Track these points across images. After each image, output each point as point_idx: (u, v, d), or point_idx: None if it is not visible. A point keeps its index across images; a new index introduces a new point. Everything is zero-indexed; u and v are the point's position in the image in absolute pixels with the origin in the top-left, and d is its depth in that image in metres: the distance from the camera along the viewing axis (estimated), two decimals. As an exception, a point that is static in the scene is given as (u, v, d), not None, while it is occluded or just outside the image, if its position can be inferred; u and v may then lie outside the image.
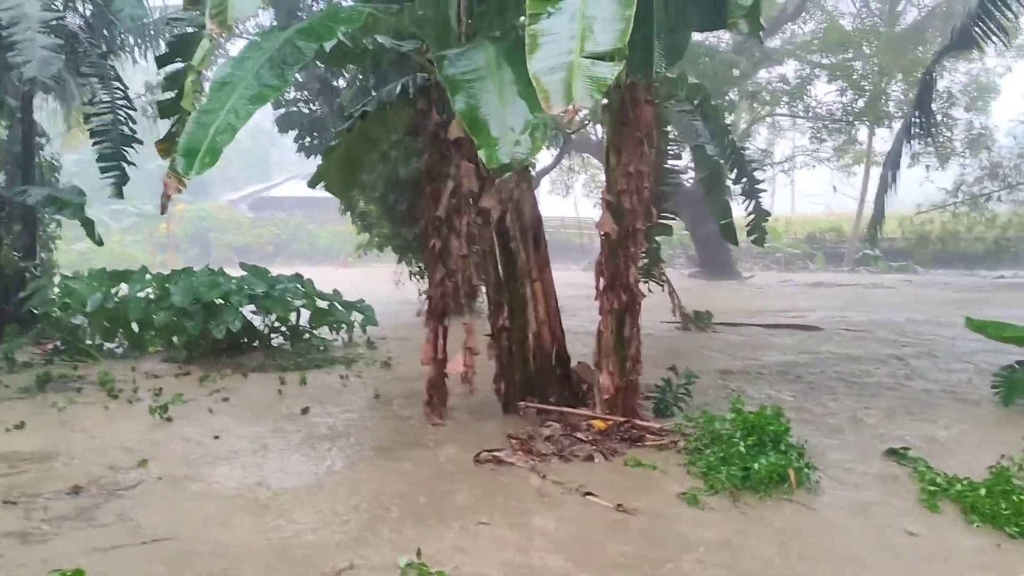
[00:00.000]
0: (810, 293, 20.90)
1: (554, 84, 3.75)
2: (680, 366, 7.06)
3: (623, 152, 6.09)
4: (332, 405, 7.33)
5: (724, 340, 11.54)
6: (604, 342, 6.20)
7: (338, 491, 4.85)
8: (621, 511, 4.40)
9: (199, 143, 4.17)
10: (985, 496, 4.32)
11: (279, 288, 10.27)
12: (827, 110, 28.16)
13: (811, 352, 10.20)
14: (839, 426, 6.38)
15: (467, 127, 4.54)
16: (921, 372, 8.64)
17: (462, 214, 6.28)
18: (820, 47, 27.25)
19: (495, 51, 5.05)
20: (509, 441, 5.66)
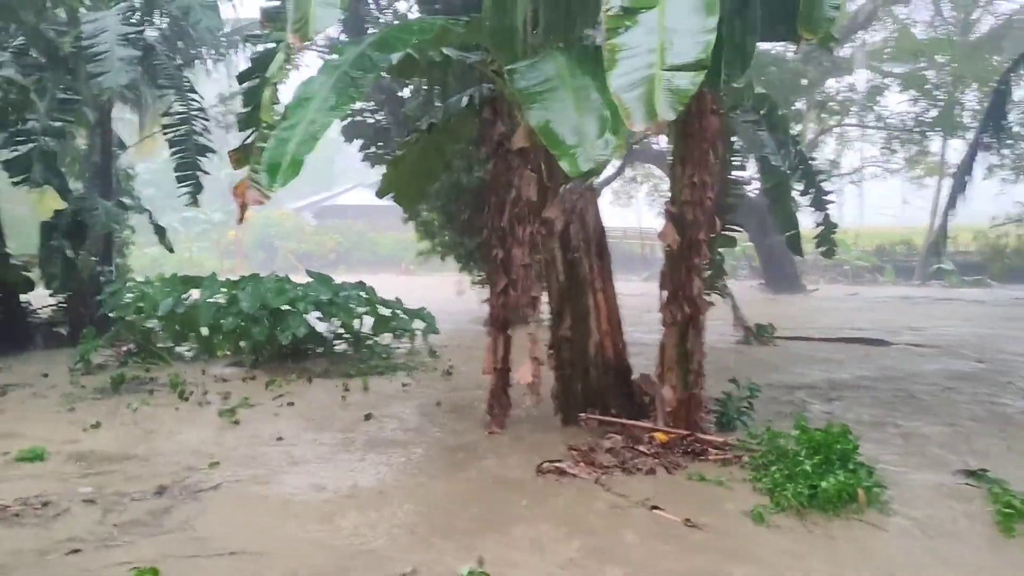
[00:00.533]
0: (878, 307, 20.36)
1: (635, 101, 3.73)
2: (743, 380, 6.96)
3: (688, 163, 6.04)
4: (394, 412, 7.42)
5: (788, 354, 11.34)
6: (667, 354, 6.15)
7: (400, 498, 4.89)
8: (689, 526, 4.35)
9: (281, 157, 4.29)
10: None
11: (343, 295, 10.43)
12: (898, 120, 27.49)
13: (879, 368, 9.95)
14: (909, 444, 6.20)
15: (543, 138, 4.54)
16: (994, 390, 8.35)
17: (525, 224, 6.29)
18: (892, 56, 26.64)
19: (565, 60, 5.05)
20: (570, 452, 5.65)
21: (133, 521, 4.47)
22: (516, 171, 6.34)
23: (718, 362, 9.73)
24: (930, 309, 19.57)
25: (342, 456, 5.91)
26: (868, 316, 17.54)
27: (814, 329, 14.44)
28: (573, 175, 4.22)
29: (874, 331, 14.08)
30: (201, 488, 5.08)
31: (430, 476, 5.39)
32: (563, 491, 4.99)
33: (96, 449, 6.06)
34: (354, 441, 6.33)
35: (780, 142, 10.32)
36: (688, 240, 6.01)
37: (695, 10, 3.84)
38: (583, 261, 6.61)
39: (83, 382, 8.77)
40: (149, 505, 4.75)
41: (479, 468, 5.53)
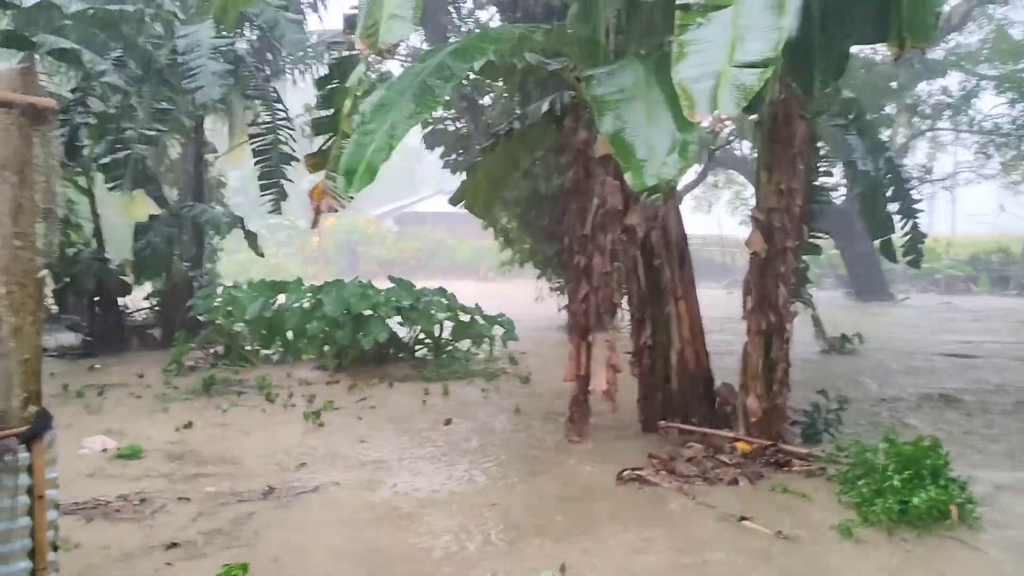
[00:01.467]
0: (972, 317, 19.56)
1: (700, 92, 3.70)
2: (830, 390, 6.78)
3: (775, 169, 5.94)
4: (474, 417, 7.47)
5: (876, 365, 11.00)
6: (751, 363, 6.04)
7: (480, 503, 4.93)
8: (782, 538, 4.26)
9: (358, 163, 4.37)
10: None
11: (424, 301, 10.57)
12: (994, 124, 26.42)
13: (971, 381, 9.56)
14: (1004, 460, 5.96)
15: (613, 147, 4.54)
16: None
17: (607, 231, 6.27)
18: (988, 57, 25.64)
19: (643, 70, 5.03)
20: (650, 461, 5.60)
21: (228, 520, 4.61)
22: (597, 178, 6.33)
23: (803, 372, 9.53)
24: None
25: (424, 460, 5.99)
26: (962, 327, 16.87)
27: (905, 339, 13.99)
28: (637, 188, 4.20)
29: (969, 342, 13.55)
30: (290, 490, 5.21)
31: (511, 482, 5.41)
32: (645, 500, 4.96)
33: (189, 448, 6.28)
34: (435, 445, 6.41)
35: (869, 147, 10.05)
36: (775, 248, 5.90)
37: (767, 9, 3.80)
38: (665, 268, 6.56)
39: (176, 383, 9.09)
40: (244, 506, 4.89)
41: (560, 475, 5.53)
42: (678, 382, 6.61)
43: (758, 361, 6.00)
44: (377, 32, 4.64)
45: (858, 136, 9.89)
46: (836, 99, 9.40)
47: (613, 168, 6.26)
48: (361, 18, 4.67)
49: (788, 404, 6.21)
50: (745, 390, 6.08)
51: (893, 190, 10.78)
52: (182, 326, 11.61)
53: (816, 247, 10.66)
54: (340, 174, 4.49)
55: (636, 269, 6.66)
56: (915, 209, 10.89)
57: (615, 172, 6.27)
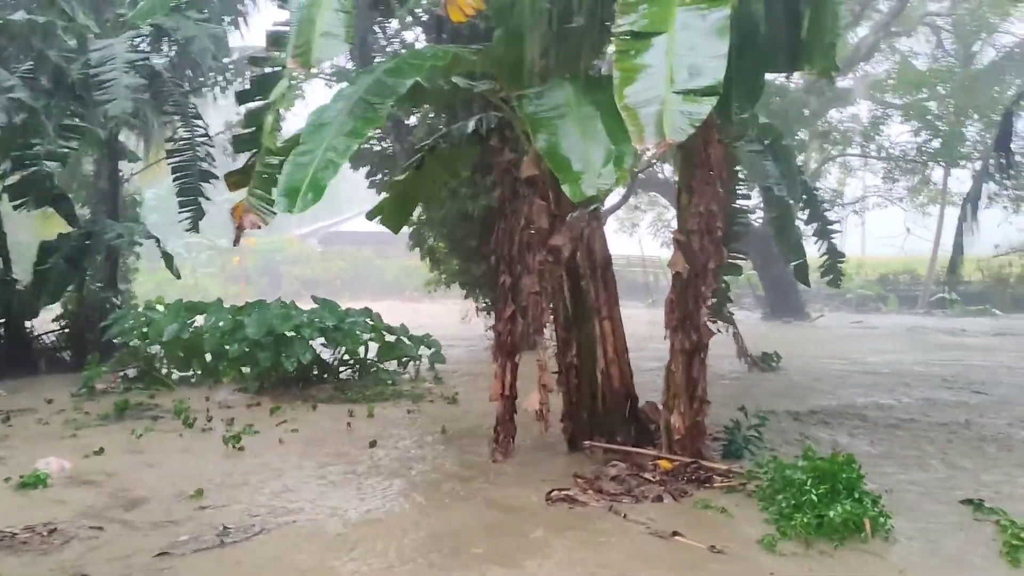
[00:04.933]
0: (882, 335, 20.34)
1: (647, 118, 3.78)
2: (751, 407, 6.94)
3: (695, 192, 6.07)
4: (399, 439, 7.40)
5: (792, 382, 11.31)
6: (674, 382, 6.13)
7: (407, 527, 4.85)
8: (714, 552, 4.34)
9: (300, 182, 4.32)
10: (1078, 553, 4.13)
11: (349, 322, 10.45)
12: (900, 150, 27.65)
13: (883, 396, 9.91)
14: (914, 473, 6.17)
15: (550, 163, 4.60)
16: (999, 419, 8.31)
17: (533, 251, 6.31)
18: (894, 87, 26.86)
19: (573, 89, 5.13)
20: (575, 480, 5.62)
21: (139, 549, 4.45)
22: (524, 199, 6.38)
23: (723, 389, 9.75)
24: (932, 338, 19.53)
25: (347, 484, 5.88)
26: (872, 345, 17.50)
27: (820, 357, 14.42)
28: (576, 200, 4.27)
29: (880, 359, 14.06)
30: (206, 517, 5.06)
31: (437, 505, 5.35)
32: (576, 519, 4.97)
33: (100, 476, 6.04)
34: (359, 469, 6.31)
35: (784, 172, 10.38)
36: (695, 268, 6.02)
37: (706, 36, 3.90)
38: (590, 288, 6.63)
39: (87, 408, 8.76)
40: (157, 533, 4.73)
41: (488, 496, 5.50)
42: (603, 401, 6.67)
43: (681, 379, 6.10)
44: (309, 50, 4.61)
45: (774, 161, 10.21)
46: (753, 124, 9.69)
47: (540, 189, 6.33)
48: (292, 36, 4.64)
49: (709, 421, 6.34)
50: (668, 408, 6.17)
51: (809, 213, 11.16)
52: (95, 349, 11.21)
53: (736, 267, 10.96)
54: (280, 195, 4.41)
55: (562, 289, 6.71)
56: (831, 230, 11.29)
57: (542, 193, 6.34)
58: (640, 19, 4.00)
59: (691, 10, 3.97)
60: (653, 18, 3.99)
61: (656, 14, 4.01)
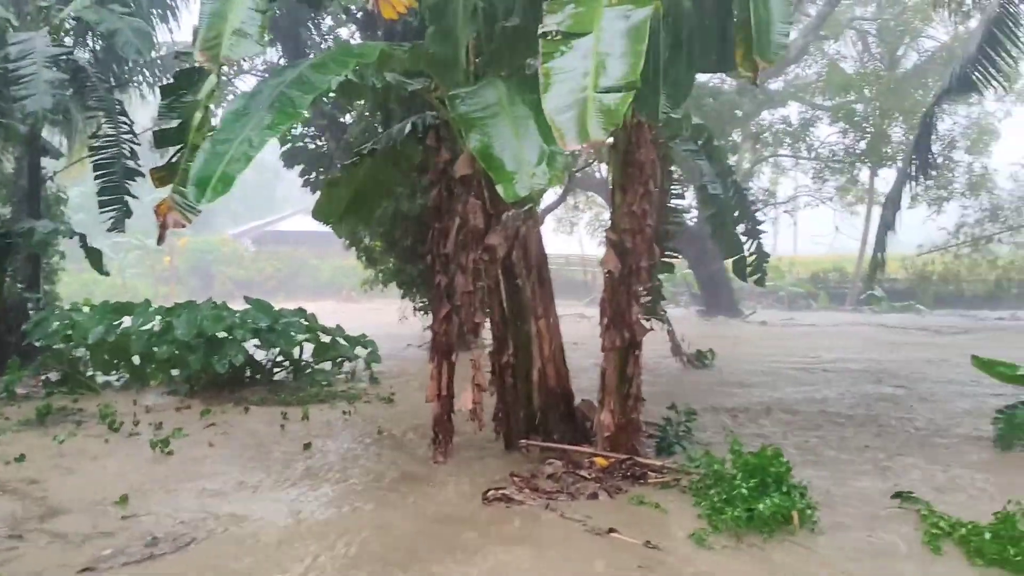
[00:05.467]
0: (811, 332, 20.85)
1: (568, 122, 3.77)
2: (682, 403, 7.04)
3: (627, 191, 6.12)
4: (334, 441, 7.31)
5: (724, 377, 11.52)
6: (607, 380, 6.18)
7: (341, 531, 4.78)
8: (650, 547, 4.39)
9: (212, 172, 4.18)
10: (991, 540, 4.28)
11: (282, 322, 10.28)
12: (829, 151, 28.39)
13: (812, 391, 10.16)
14: (841, 466, 6.33)
15: (482, 163, 4.57)
16: (923, 412, 8.59)
17: (468, 251, 6.29)
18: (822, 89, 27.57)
19: (506, 88, 5.10)
20: (512, 479, 5.62)
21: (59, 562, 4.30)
22: (459, 198, 6.35)
23: (659, 386, 9.87)
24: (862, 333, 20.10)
25: (279, 488, 5.78)
26: (802, 342, 17.93)
27: (752, 354, 14.71)
28: (510, 200, 4.25)
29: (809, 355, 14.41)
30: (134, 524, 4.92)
31: (373, 507, 5.29)
32: (514, 518, 4.97)
33: (20, 483, 5.82)
34: (292, 472, 6.20)
35: (718, 171, 10.55)
36: (628, 267, 6.07)
37: (626, 35, 3.92)
38: (525, 288, 6.64)
39: (7, 413, 8.43)
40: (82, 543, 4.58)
41: (424, 497, 5.46)
42: (539, 400, 6.69)
43: (614, 377, 6.14)
44: (220, 45, 4.48)
45: (707, 161, 10.37)
46: (687, 124, 9.83)
47: (475, 188, 6.32)
48: (202, 29, 4.50)
49: (645, 418, 6.41)
50: (602, 406, 6.21)
51: (739, 212, 11.36)
52: (16, 352, 10.80)
53: (670, 266, 11.11)
54: (191, 184, 4.26)
55: (498, 288, 6.71)
56: (759, 230, 11.51)
57: (477, 192, 6.33)
58: (566, 19, 4.01)
59: (616, 10, 3.99)
60: (579, 19, 4.00)
61: (582, 15, 4.02)
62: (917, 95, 25.78)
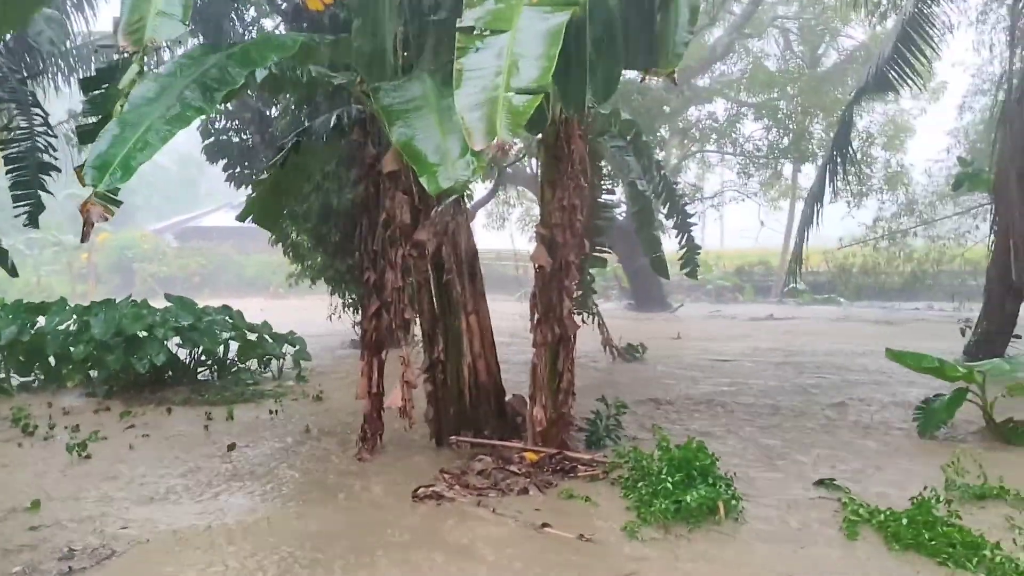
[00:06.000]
0: (738, 324, 21.30)
1: (476, 121, 3.72)
2: (612, 397, 7.10)
3: (557, 187, 6.13)
4: (261, 441, 7.16)
5: (655, 371, 11.67)
6: (538, 375, 6.19)
7: (268, 534, 4.69)
8: (584, 541, 4.41)
9: (113, 157, 3.97)
10: (907, 526, 4.42)
11: (206, 320, 10.04)
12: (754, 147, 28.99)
13: (738, 383, 10.36)
14: (765, 456, 6.47)
15: (405, 155, 4.50)
16: (843, 402, 8.83)
17: (397, 247, 6.22)
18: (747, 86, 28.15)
19: (432, 82, 5.04)
20: (442, 476, 5.59)
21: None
22: (388, 193, 6.28)
23: (590, 380, 9.95)
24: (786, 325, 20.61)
25: (203, 492, 5.62)
26: (729, 334, 18.30)
27: (680, 346, 14.94)
28: (433, 192, 4.20)
29: (736, 347, 14.70)
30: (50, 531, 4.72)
31: (300, 509, 5.20)
32: (445, 516, 4.93)
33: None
34: (217, 475, 6.05)
35: (646, 167, 10.69)
36: (559, 262, 6.09)
37: (542, 37, 3.91)
38: (455, 283, 6.61)
39: (-88, 419, 8.04)
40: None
41: (353, 497, 5.39)
42: (470, 395, 6.67)
43: (545, 372, 6.16)
44: (143, 28, 4.29)
45: (635, 156, 10.49)
46: (616, 120, 9.91)
47: (403, 183, 6.24)
48: (124, 12, 4.31)
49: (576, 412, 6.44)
50: (533, 401, 6.22)
51: (669, 207, 11.53)
52: (-78, 354, 10.29)
53: (601, 260, 11.20)
54: (89, 166, 4.02)
55: (427, 284, 6.66)
56: (689, 224, 11.70)
57: (405, 187, 6.25)
58: (486, 15, 3.98)
59: (536, 10, 3.98)
60: (498, 16, 3.97)
61: (502, 12, 3.99)
62: (837, 93, 26.50)
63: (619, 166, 10.86)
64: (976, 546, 4.16)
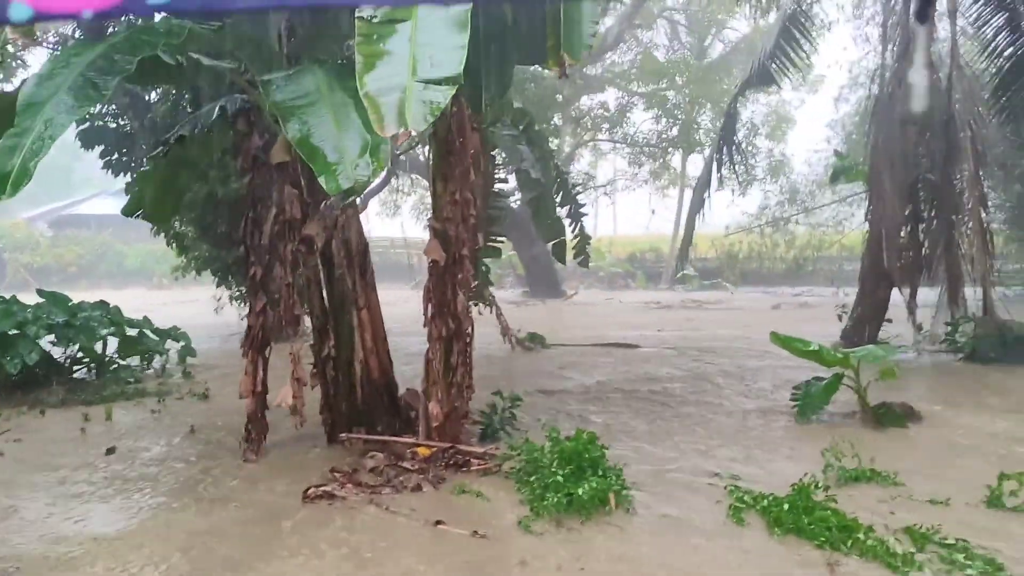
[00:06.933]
0: (631, 311, 21.76)
1: (388, 106, 3.67)
2: (509, 388, 7.12)
3: (450, 180, 6.09)
4: (142, 442, 6.87)
5: (552, 360, 11.77)
6: (432, 369, 6.15)
7: (150, 540, 4.51)
8: (478, 537, 4.41)
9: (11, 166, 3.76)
10: (788, 511, 4.60)
11: (81, 316, 9.53)
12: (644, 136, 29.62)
13: (631, 371, 10.56)
14: (657, 444, 6.62)
15: (302, 154, 4.37)
16: (731, 388, 9.14)
17: (286, 241, 6.05)
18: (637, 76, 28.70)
19: (324, 75, 4.90)
20: (333, 475, 5.49)
21: None
22: (276, 186, 6.10)
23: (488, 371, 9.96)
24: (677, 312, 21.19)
25: (81, 496, 5.36)
26: (622, 320, 18.66)
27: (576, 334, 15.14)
28: (332, 193, 4.10)
29: (627, 334, 15.00)
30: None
31: (184, 512, 5.01)
32: (336, 516, 4.85)
33: None
34: (95, 478, 5.77)
35: (539, 156, 10.73)
36: (452, 256, 6.06)
37: (447, 26, 3.86)
38: (346, 278, 6.49)
39: None
40: None
41: (241, 498, 5.23)
42: (363, 391, 6.57)
43: (440, 367, 6.12)
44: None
45: (528, 145, 10.52)
46: (508, 110, 9.92)
47: (291, 176, 6.07)
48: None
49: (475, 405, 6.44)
50: (428, 396, 6.17)
51: (562, 195, 11.62)
52: None
53: (496, 250, 11.22)
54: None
55: (317, 279, 6.51)
56: (581, 213, 11.83)
57: (293, 180, 6.08)
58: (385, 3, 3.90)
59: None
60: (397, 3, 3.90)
61: (399, 0, 3.92)
62: (723, 84, 27.36)
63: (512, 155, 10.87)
64: (850, 528, 4.37)
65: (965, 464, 5.92)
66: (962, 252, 11.49)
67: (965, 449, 6.39)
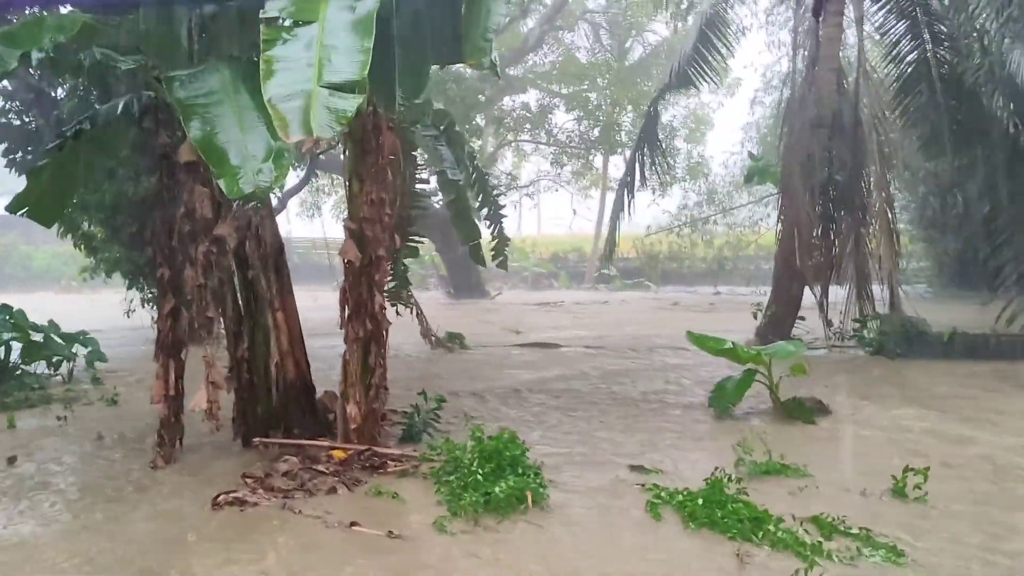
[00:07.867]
0: (553, 311, 21.92)
1: (292, 112, 3.63)
2: (431, 389, 7.09)
3: (366, 180, 6.03)
4: (46, 451, 6.60)
5: (473, 361, 11.79)
6: (350, 371, 6.08)
7: (62, 549, 4.37)
8: (393, 538, 4.39)
9: None
10: (702, 505, 4.71)
11: (-18, 321, 9.13)
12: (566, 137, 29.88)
13: (553, 370, 10.64)
14: (576, 442, 6.69)
15: (203, 155, 4.27)
16: (649, 385, 9.29)
17: (197, 242, 5.90)
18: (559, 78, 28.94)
19: (231, 74, 4.80)
20: (244, 480, 5.37)
21: None
22: (185, 186, 5.93)
23: (408, 372, 9.92)
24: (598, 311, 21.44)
25: (-23, 510, 5.13)
26: (545, 320, 18.79)
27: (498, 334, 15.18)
28: (233, 196, 4.02)
29: (549, 334, 15.12)
30: None
31: (93, 522, 4.85)
32: (247, 522, 4.75)
33: None
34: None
35: (458, 157, 10.72)
36: (368, 257, 6.00)
37: (352, 30, 3.84)
38: (260, 279, 6.38)
39: None
40: None
41: (150, 507, 5.08)
42: (279, 394, 6.48)
43: (357, 368, 6.06)
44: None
45: (448, 146, 10.50)
46: (428, 110, 9.89)
47: (201, 175, 5.92)
48: None
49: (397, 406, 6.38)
50: (346, 398, 6.10)
51: (482, 197, 11.63)
52: None
53: (414, 250, 11.16)
54: None
55: (231, 280, 6.38)
56: (501, 215, 11.87)
57: (203, 179, 5.94)
58: (290, 5, 3.85)
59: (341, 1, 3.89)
60: (303, 6, 3.86)
61: (306, 3, 3.88)
62: (644, 86, 27.80)
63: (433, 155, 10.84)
64: (761, 520, 4.50)
65: (871, 456, 6.16)
66: (870, 251, 11.96)
67: (871, 441, 6.64)
